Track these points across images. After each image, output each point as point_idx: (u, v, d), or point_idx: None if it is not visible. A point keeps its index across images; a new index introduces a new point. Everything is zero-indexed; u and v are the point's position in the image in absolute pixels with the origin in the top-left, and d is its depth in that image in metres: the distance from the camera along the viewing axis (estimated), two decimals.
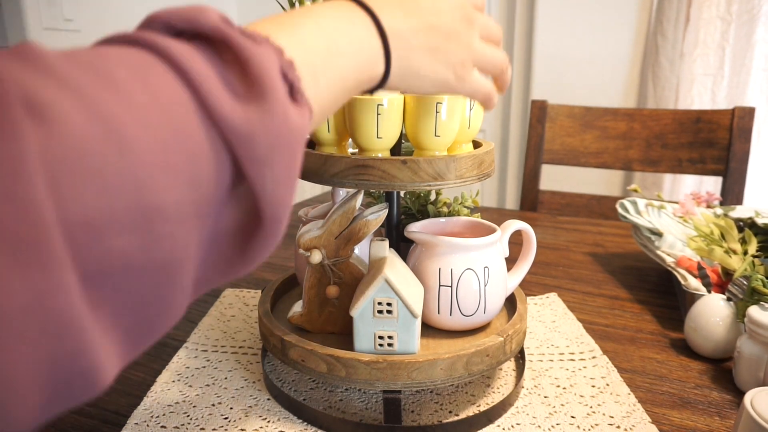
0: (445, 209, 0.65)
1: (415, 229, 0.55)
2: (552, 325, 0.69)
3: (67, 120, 0.19)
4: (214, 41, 0.26)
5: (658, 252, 0.77)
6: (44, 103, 0.19)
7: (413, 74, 0.38)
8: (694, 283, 0.67)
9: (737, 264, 0.67)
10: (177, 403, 0.53)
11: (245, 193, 0.26)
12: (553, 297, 0.76)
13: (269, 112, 0.25)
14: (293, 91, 0.27)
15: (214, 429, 0.49)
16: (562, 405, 0.52)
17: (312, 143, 0.57)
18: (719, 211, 0.83)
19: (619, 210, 0.86)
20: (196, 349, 0.63)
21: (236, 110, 0.24)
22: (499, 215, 1.19)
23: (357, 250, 0.53)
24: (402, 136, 0.56)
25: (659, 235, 0.79)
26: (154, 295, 0.22)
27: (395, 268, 0.48)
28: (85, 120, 0.19)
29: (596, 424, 0.49)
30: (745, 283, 0.58)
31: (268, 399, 0.54)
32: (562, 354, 0.62)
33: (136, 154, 0.21)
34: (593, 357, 0.61)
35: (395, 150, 0.54)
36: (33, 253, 0.17)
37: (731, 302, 0.59)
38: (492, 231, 0.55)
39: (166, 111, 0.22)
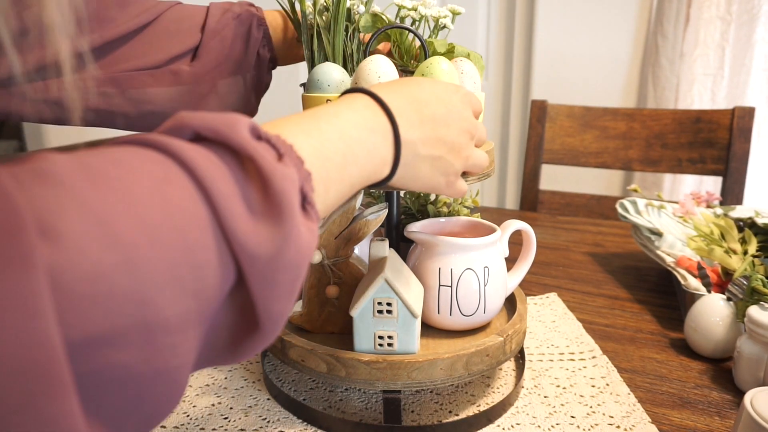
0: (445, 209, 0.65)
1: (415, 229, 0.55)
2: (552, 325, 0.69)
3: (82, 246, 0.19)
4: (239, 153, 0.26)
5: (658, 252, 0.77)
6: (59, 230, 0.19)
7: (412, 178, 0.40)
8: (694, 283, 0.67)
9: (737, 264, 0.67)
10: None
11: (244, 299, 0.26)
12: (553, 297, 0.76)
13: (283, 236, 0.25)
14: (305, 203, 0.28)
15: (213, 429, 0.49)
16: (562, 405, 0.52)
17: None
18: (719, 211, 0.83)
19: (619, 210, 0.86)
20: None
21: (251, 230, 0.24)
22: (499, 215, 1.19)
23: (357, 250, 0.53)
24: None
25: (659, 235, 0.79)
26: (152, 396, 0.23)
27: (395, 268, 0.48)
28: (99, 246, 0.20)
29: (596, 424, 0.49)
30: (745, 283, 0.58)
31: (268, 399, 0.54)
32: (562, 354, 0.62)
33: (145, 274, 0.21)
34: (593, 357, 0.61)
35: None
36: (42, 385, 0.18)
37: (731, 302, 0.59)
38: (492, 231, 0.55)
39: (181, 229, 0.22)
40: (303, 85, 0.53)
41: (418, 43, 0.58)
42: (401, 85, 0.40)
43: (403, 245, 0.59)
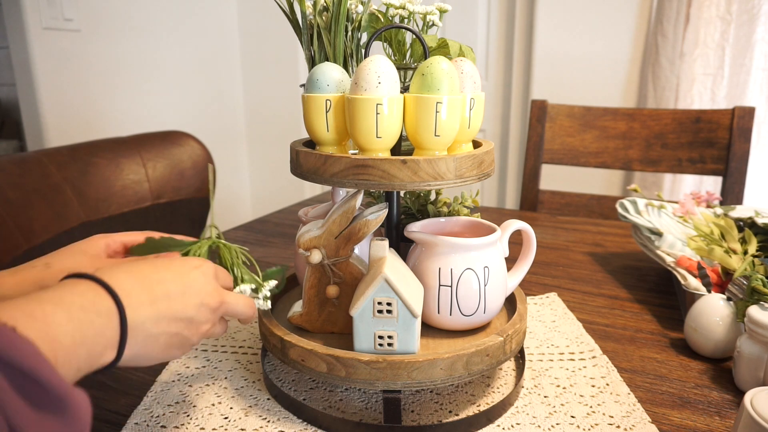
0: (445, 209, 0.65)
1: (415, 229, 0.55)
2: (552, 324, 0.69)
3: None
4: None
5: (658, 252, 0.77)
6: None
7: (142, 357, 0.38)
8: (694, 283, 0.67)
9: (737, 264, 0.67)
10: (177, 403, 0.53)
11: None
12: (553, 297, 0.76)
13: None
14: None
15: (214, 429, 0.49)
16: (562, 405, 0.52)
17: (312, 143, 0.57)
18: (719, 211, 0.83)
19: (619, 210, 0.86)
20: (196, 349, 0.63)
21: None
22: (499, 215, 1.19)
23: (357, 250, 0.53)
24: (402, 136, 0.56)
25: (659, 234, 0.79)
26: None
27: (395, 268, 0.48)
28: None
29: (596, 424, 0.49)
30: (744, 282, 0.58)
31: (268, 399, 0.54)
32: (562, 354, 0.62)
33: None
34: (593, 357, 0.61)
35: (395, 150, 0.54)
36: None
37: (731, 302, 0.59)
38: (492, 231, 0.55)
39: None
40: (303, 85, 0.53)
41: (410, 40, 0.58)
42: (133, 264, 0.39)
43: (403, 245, 0.59)
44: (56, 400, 0.27)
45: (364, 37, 0.59)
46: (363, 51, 0.58)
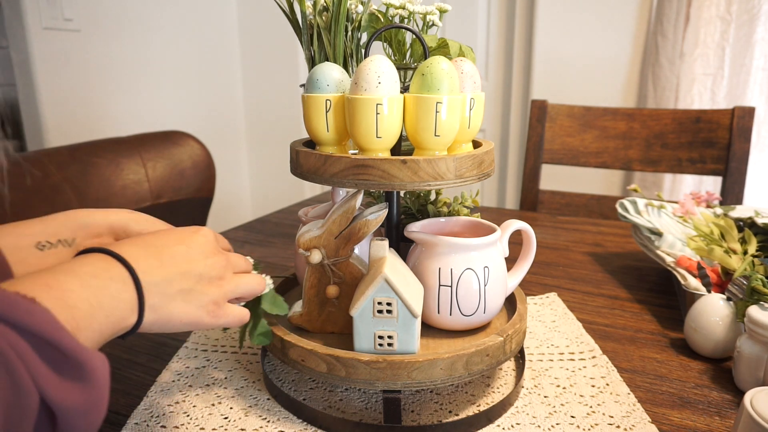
0: (445, 209, 0.65)
1: (415, 229, 0.55)
2: (552, 324, 0.69)
3: None
4: None
5: (658, 252, 0.77)
6: None
7: (167, 320, 0.40)
8: (693, 283, 0.67)
9: (737, 264, 0.67)
10: (177, 403, 0.53)
11: None
12: (552, 297, 0.76)
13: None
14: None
15: (214, 429, 0.49)
16: (562, 405, 0.52)
17: (312, 143, 0.57)
18: (719, 210, 0.83)
19: (619, 210, 0.86)
20: (196, 349, 0.63)
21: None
22: (499, 215, 1.19)
23: (357, 250, 0.53)
24: (402, 136, 0.56)
25: (659, 234, 0.79)
26: None
27: (395, 268, 0.48)
28: None
29: (596, 424, 0.49)
30: (744, 282, 0.58)
31: (268, 399, 0.54)
32: (562, 354, 0.62)
33: None
34: (593, 357, 0.61)
35: (395, 150, 0.54)
36: None
37: (731, 302, 0.59)
38: (492, 231, 0.55)
39: None
40: (303, 85, 0.53)
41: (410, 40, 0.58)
42: (137, 237, 0.42)
43: (403, 245, 0.59)
44: (76, 365, 0.29)
45: (364, 37, 0.59)
46: (363, 51, 0.58)
